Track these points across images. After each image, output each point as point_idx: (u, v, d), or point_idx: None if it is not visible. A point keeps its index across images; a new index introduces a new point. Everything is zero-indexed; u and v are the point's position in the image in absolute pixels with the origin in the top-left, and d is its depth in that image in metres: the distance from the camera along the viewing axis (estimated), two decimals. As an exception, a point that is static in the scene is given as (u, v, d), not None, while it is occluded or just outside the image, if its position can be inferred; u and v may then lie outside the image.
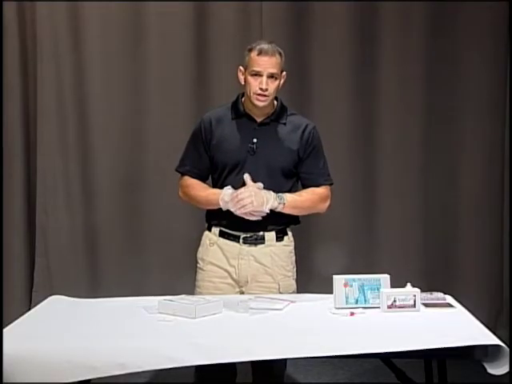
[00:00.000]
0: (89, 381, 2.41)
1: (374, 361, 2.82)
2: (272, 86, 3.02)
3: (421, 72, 4.74)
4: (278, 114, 3.13)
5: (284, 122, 3.13)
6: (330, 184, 3.22)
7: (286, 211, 3.06)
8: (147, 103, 4.69)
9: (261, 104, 3.05)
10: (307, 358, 2.40)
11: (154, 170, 4.63)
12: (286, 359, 2.74)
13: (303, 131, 3.13)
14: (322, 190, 3.18)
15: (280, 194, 3.03)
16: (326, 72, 4.71)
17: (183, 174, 3.20)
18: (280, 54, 3.05)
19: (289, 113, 3.17)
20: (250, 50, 3.04)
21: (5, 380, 2.31)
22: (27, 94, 4.68)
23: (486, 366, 2.47)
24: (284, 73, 3.08)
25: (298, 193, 3.15)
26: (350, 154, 4.77)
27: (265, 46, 3.02)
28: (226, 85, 4.39)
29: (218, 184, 3.13)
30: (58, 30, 4.62)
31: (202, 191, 3.13)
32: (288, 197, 3.05)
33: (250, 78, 3.03)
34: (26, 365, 2.33)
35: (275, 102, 3.14)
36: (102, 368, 2.33)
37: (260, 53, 3.00)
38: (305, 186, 3.18)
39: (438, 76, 4.73)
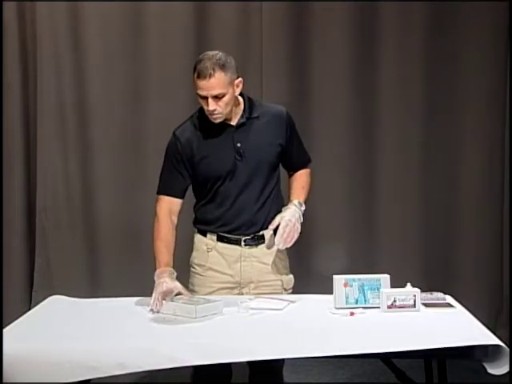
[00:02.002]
0: (89, 381, 2.41)
1: (374, 361, 2.83)
2: (221, 103, 2.92)
3: (421, 72, 4.73)
4: (249, 110, 3.07)
5: (257, 115, 3.08)
6: (310, 160, 3.28)
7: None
8: (147, 103, 4.69)
9: (218, 121, 2.99)
10: (307, 358, 2.40)
11: (154, 169, 4.59)
12: (284, 358, 2.74)
13: (280, 120, 3.09)
14: (308, 171, 3.25)
15: (299, 202, 3.07)
16: (326, 72, 4.71)
17: (159, 193, 3.14)
18: (222, 67, 2.88)
19: (257, 105, 3.11)
20: (194, 69, 2.93)
21: (5, 380, 2.32)
22: (27, 94, 4.67)
23: (486, 366, 2.48)
24: (238, 80, 2.96)
25: (299, 185, 3.17)
26: (350, 154, 4.77)
27: (203, 65, 2.88)
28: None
29: (209, 195, 3.08)
30: (57, 30, 4.62)
31: (159, 239, 3.03)
32: (302, 198, 3.11)
33: (198, 98, 2.96)
34: (26, 365, 2.33)
35: (241, 99, 3.07)
36: (101, 368, 2.33)
37: (198, 76, 2.90)
38: (290, 169, 3.22)
39: (438, 76, 4.73)
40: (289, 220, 2.99)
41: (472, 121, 4.77)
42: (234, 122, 3.06)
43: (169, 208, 3.09)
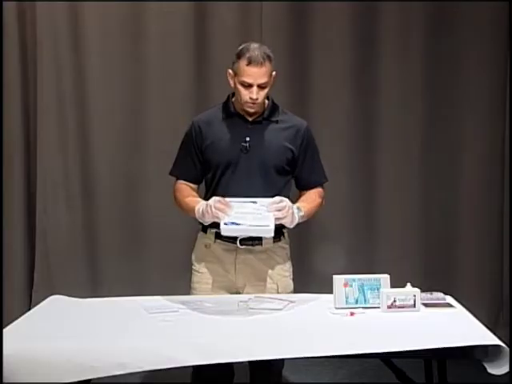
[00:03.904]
0: (89, 381, 2.41)
1: (374, 360, 2.82)
2: (262, 93, 2.99)
3: (421, 72, 4.73)
4: (270, 112, 3.11)
5: (276, 119, 3.11)
6: (326, 181, 3.24)
7: (301, 221, 3.00)
8: (147, 103, 4.69)
9: (252, 110, 3.05)
10: (307, 357, 2.40)
11: (154, 169, 4.62)
12: (284, 358, 2.74)
13: (297, 131, 3.12)
14: (321, 191, 3.21)
15: (298, 206, 3.00)
16: (326, 72, 4.71)
17: (177, 178, 3.19)
18: (269, 58, 2.98)
19: (280, 111, 3.15)
20: (239, 57, 2.98)
21: (5, 380, 2.32)
22: (27, 93, 4.67)
23: (486, 366, 2.48)
24: (274, 72, 3.03)
25: (306, 199, 3.12)
26: (350, 154, 4.77)
27: (254, 53, 2.94)
28: (225, 85, 4.36)
29: (213, 184, 3.11)
30: (57, 30, 4.62)
31: (185, 196, 3.09)
32: (303, 208, 3.02)
33: (239, 87, 3.00)
34: (26, 365, 2.33)
35: (266, 101, 3.11)
36: (102, 368, 2.33)
37: (249, 63, 2.94)
38: (302, 187, 3.19)
39: (438, 76, 4.73)
40: (288, 201, 2.91)
41: (472, 121, 4.77)
42: (251, 118, 3.09)
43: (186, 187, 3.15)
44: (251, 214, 2.80)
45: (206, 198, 3.15)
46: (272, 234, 2.82)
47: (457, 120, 4.76)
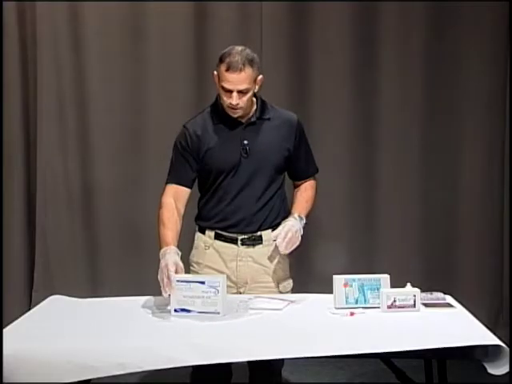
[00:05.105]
0: (89, 381, 2.41)
1: (374, 361, 2.84)
2: (243, 99, 2.96)
3: (421, 72, 4.73)
4: (261, 111, 3.10)
5: (268, 117, 3.11)
6: (318, 171, 3.29)
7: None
8: (147, 103, 4.69)
9: (235, 115, 3.03)
10: (307, 358, 2.40)
11: (154, 170, 4.62)
12: (283, 358, 2.74)
13: (290, 127, 3.12)
14: (314, 183, 3.25)
15: (299, 215, 3.07)
16: (326, 72, 4.71)
17: (168, 183, 3.14)
18: (251, 63, 2.93)
19: (270, 107, 3.14)
20: (220, 61, 2.95)
21: (5, 380, 2.32)
22: (27, 93, 4.68)
23: (486, 366, 2.48)
24: (260, 77, 3.00)
25: (303, 199, 3.17)
26: (350, 154, 4.77)
27: (234, 58, 2.91)
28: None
29: (211, 189, 3.10)
30: (57, 30, 4.62)
31: (161, 224, 3.07)
32: (304, 213, 3.10)
33: (221, 91, 2.98)
34: (26, 365, 2.33)
35: (254, 100, 3.09)
36: (102, 368, 2.34)
37: (228, 68, 2.91)
38: (296, 178, 3.23)
39: (438, 76, 4.72)
40: (292, 226, 3.00)
41: (472, 121, 4.77)
42: (244, 120, 3.08)
43: (173, 194, 3.10)
44: (200, 298, 2.73)
45: (203, 202, 3.16)
46: (222, 316, 2.72)
47: (457, 120, 4.76)
